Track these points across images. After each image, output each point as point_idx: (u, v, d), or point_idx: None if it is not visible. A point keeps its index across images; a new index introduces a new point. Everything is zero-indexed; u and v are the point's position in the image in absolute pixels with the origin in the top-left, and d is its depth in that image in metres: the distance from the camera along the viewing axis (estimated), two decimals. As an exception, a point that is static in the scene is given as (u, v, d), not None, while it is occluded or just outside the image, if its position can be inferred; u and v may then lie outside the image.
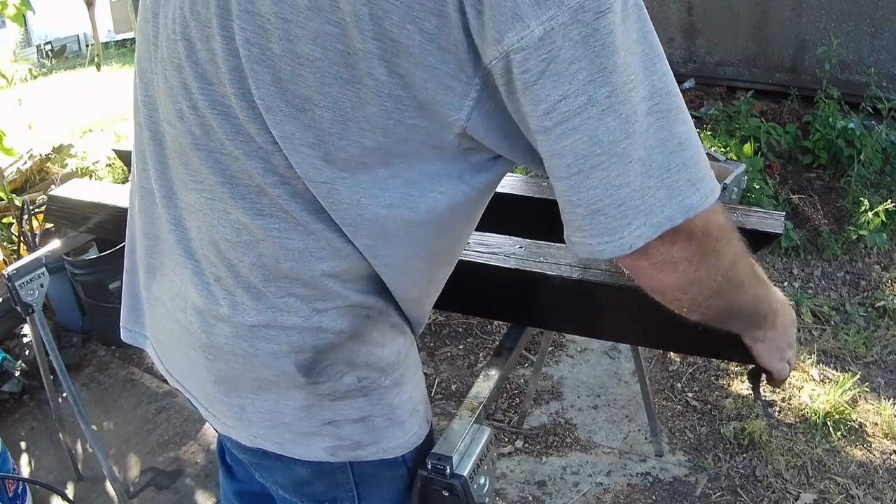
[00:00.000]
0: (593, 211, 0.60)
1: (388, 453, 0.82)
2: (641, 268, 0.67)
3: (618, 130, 0.57)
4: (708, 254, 0.68)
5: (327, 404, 0.77)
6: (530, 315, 1.28)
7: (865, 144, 3.49)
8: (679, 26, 5.07)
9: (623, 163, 0.58)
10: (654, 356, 2.57)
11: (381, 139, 0.62)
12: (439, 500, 0.89)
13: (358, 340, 0.75)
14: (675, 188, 0.61)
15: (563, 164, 0.59)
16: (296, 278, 0.70)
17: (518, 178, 1.78)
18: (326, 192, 0.65)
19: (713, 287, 0.71)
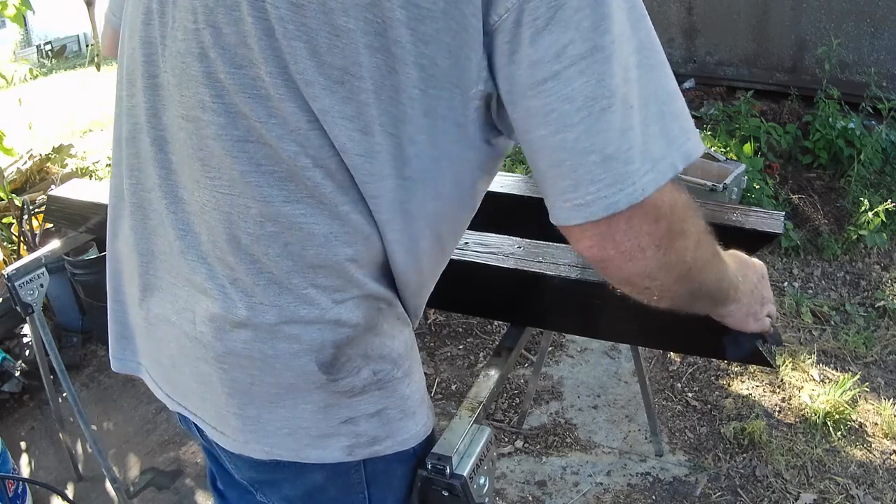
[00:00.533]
0: (606, 157, 0.61)
1: (403, 445, 0.82)
2: (610, 259, 0.67)
3: (619, 76, 0.60)
4: (676, 235, 0.69)
5: (345, 402, 0.76)
6: (530, 315, 1.28)
7: (865, 144, 3.49)
8: (679, 26, 5.07)
9: (626, 107, 0.60)
10: (654, 356, 2.57)
11: (409, 110, 0.64)
12: (439, 500, 0.89)
13: (372, 333, 0.76)
14: (671, 135, 0.64)
15: (574, 109, 0.60)
16: (321, 266, 0.70)
17: (518, 178, 1.78)
18: (361, 164, 0.66)
19: (682, 270, 0.72)
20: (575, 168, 0.62)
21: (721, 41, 4.92)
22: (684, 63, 5.16)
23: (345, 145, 0.65)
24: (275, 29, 0.62)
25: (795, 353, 2.52)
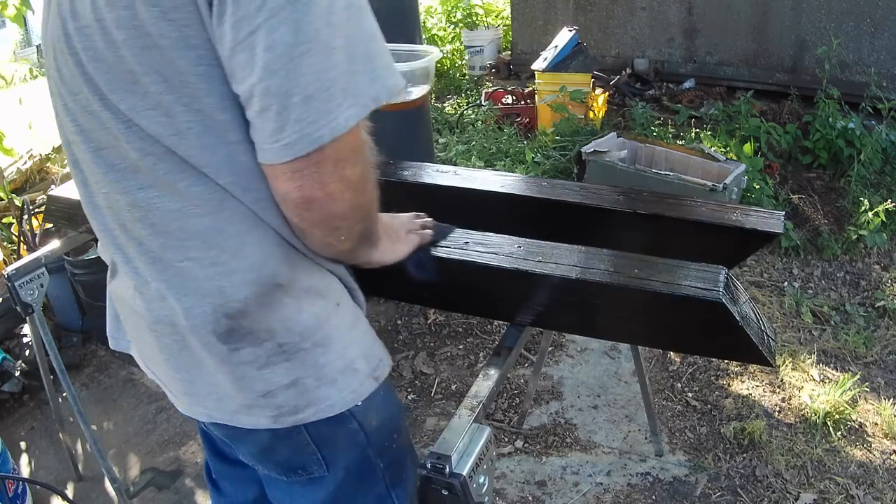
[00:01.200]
0: (307, 97, 0.69)
1: (327, 412, 0.88)
2: (315, 199, 0.75)
3: (320, 21, 0.68)
4: (367, 180, 0.79)
5: (255, 374, 0.84)
6: (530, 315, 1.28)
7: (865, 144, 3.49)
8: (679, 26, 5.07)
9: (327, 50, 0.69)
10: (654, 356, 2.57)
11: (204, 85, 0.72)
12: (438, 498, 0.89)
13: (271, 307, 0.82)
14: (377, 72, 0.73)
15: (275, 56, 0.67)
16: (188, 239, 0.79)
17: (518, 178, 1.78)
18: (178, 143, 0.75)
19: (366, 212, 0.83)
20: (280, 111, 0.69)
21: (721, 41, 4.92)
22: (684, 63, 5.16)
23: (157, 131, 0.75)
24: (81, 58, 0.75)
25: (795, 353, 2.52)
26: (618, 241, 1.40)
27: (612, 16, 5.34)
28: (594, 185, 1.65)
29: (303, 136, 0.70)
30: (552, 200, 1.54)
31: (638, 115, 4.08)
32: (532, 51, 5.28)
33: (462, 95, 5.61)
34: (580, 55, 4.35)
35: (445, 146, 4.24)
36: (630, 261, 1.18)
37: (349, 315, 0.91)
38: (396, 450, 1.01)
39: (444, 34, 6.57)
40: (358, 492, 0.98)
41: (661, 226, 1.47)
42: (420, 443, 2.27)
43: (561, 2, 5.53)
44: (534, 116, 4.49)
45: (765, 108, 4.25)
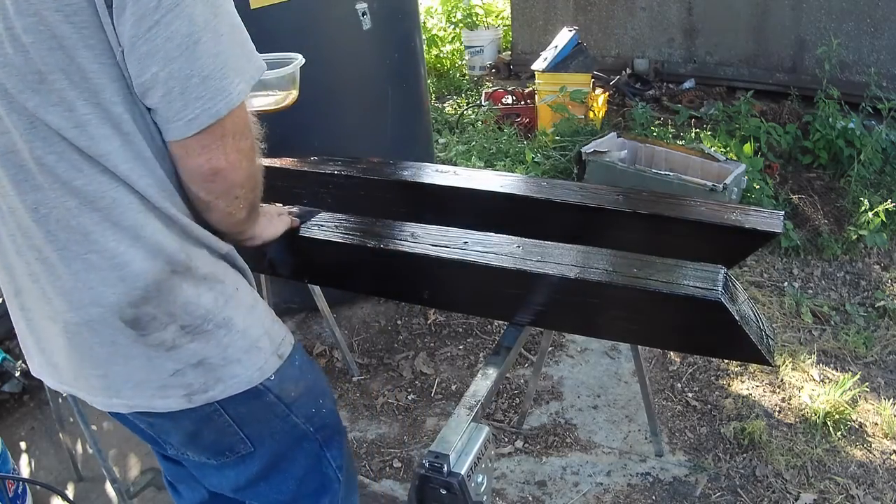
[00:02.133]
0: (204, 77, 0.81)
1: (235, 388, 0.96)
2: (221, 169, 0.86)
3: (209, 12, 0.80)
4: (255, 149, 0.91)
5: (164, 354, 0.92)
6: (529, 314, 1.28)
7: (865, 144, 3.48)
8: (679, 26, 5.07)
9: (217, 36, 0.81)
10: (654, 356, 2.57)
11: (99, 80, 0.81)
12: (437, 497, 0.89)
13: (171, 293, 0.90)
14: (251, 55, 0.87)
15: (174, 45, 0.79)
16: (88, 233, 0.86)
17: (518, 178, 1.78)
18: (77, 135, 0.82)
19: (257, 177, 0.94)
20: (182, 91, 0.81)
21: (721, 41, 4.92)
22: (684, 63, 5.16)
23: (60, 124, 0.82)
24: None
25: (795, 353, 2.52)
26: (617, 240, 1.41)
27: (612, 16, 5.34)
28: (594, 185, 1.65)
29: (203, 110, 0.82)
30: (552, 200, 1.54)
31: (638, 115, 4.08)
32: (532, 51, 5.28)
33: (462, 95, 5.61)
34: (580, 55, 4.35)
35: (445, 146, 4.24)
36: (629, 260, 1.18)
37: (248, 298, 1.01)
38: (326, 414, 1.12)
39: (444, 34, 6.57)
40: (292, 458, 1.08)
41: (660, 226, 1.47)
42: (420, 443, 2.27)
43: (561, 2, 5.53)
44: (534, 116, 4.49)
45: (765, 108, 4.25)
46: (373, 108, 2.63)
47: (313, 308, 2.50)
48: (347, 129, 2.58)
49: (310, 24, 2.37)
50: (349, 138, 2.57)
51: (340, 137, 2.55)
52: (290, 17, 2.31)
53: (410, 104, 2.81)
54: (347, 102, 2.56)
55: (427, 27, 6.39)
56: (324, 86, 2.47)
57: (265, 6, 2.24)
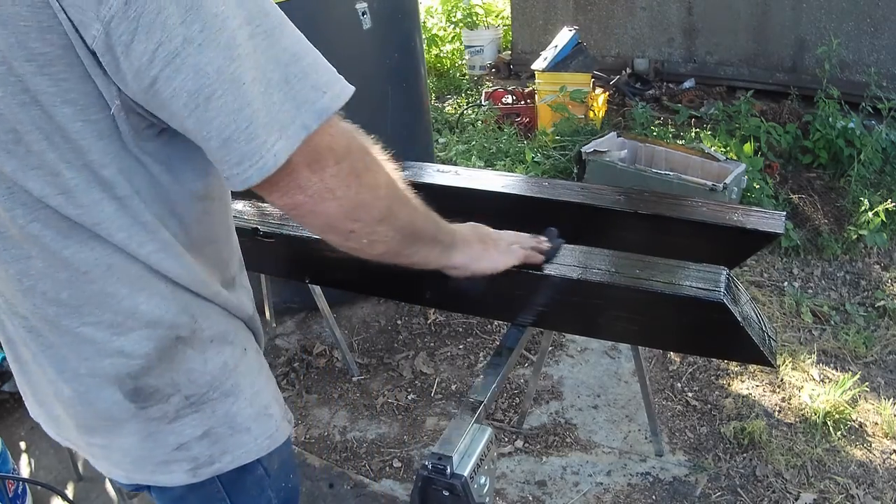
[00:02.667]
0: (224, 140, 0.65)
1: (243, 459, 0.87)
2: (301, 204, 0.70)
3: (221, 58, 0.62)
4: (361, 172, 0.73)
5: (166, 428, 0.82)
6: (531, 315, 1.28)
7: (865, 144, 3.48)
8: (679, 26, 5.07)
9: (235, 86, 0.63)
10: (654, 356, 2.57)
11: (83, 141, 0.68)
12: (439, 499, 0.89)
13: (174, 361, 0.80)
14: (300, 97, 0.66)
15: (181, 105, 0.63)
16: (82, 305, 0.76)
17: (518, 178, 1.78)
18: (64, 202, 0.70)
19: (381, 206, 0.77)
20: (208, 151, 0.67)
21: (721, 41, 4.92)
22: (684, 63, 5.16)
23: (43, 191, 0.69)
24: None
25: (795, 353, 2.52)
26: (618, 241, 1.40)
27: (612, 15, 5.33)
28: (594, 185, 1.65)
29: (232, 175, 0.67)
30: (552, 200, 1.54)
31: (638, 115, 4.08)
32: (532, 51, 5.27)
33: (462, 95, 5.61)
34: (580, 55, 4.35)
35: (445, 146, 4.24)
36: (631, 261, 1.18)
37: (256, 360, 0.90)
38: (290, 489, 1.00)
39: (444, 34, 6.57)
40: None
41: (661, 226, 1.47)
42: (420, 443, 2.27)
43: (561, 2, 5.52)
44: (534, 116, 4.49)
45: (765, 108, 4.25)
46: (373, 108, 2.63)
47: (313, 308, 2.50)
48: (347, 129, 2.58)
49: (310, 24, 2.36)
50: (349, 138, 2.57)
51: (340, 137, 2.55)
52: (289, 17, 2.30)
53: (410, 104, 2.81)
54: (347, 102, 2.56)
55: (427, 27, 6.38)
56: (324, 85, 2.47)
57: (265, 6, 2.23)
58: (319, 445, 2.28)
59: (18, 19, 0.61)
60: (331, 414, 2.42)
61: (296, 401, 2.49)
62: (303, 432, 2.34)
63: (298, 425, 2.38)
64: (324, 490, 2.08)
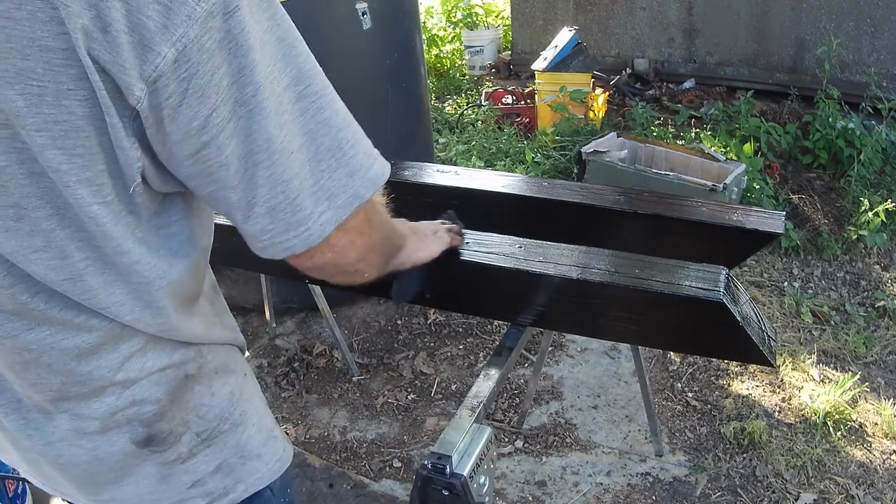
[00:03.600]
0: (270, 209, 0.61)
1: (256, 486, 0.85)
2: (328, 262, 0.69)
3: (272, 125, 0.58)
4: (372, 214, 0.72)
5: (181, 468, 0.79)
6: (531, 315, 1.28)
7: (865, 144, 3.48)
8: (679, 26, 5.07)
9: (285, 155, 0.59)
10: (654, 356, 2.57)
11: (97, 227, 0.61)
12: (439, 499, 0.89)
13: (183, 400, 0.76)
14: (353, 164, 0.64)
15: (231, 173, 0.59)
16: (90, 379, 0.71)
17: (518, 178, 1.78)
18: (72, 288, 0.64)
19: (385, 243, 0.80)
20: (246, 219, 0.63)
21: (721, 41, 4.92)
22: (684, 63, 5.16)
23: (47, 276, 0.63)
24: None
25: (795, 353, 2.52)
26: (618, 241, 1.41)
27: (612, 16, 5.34)
28: (594, 185, 1.65)
29: (273, 243, 0.64)
30: (552, 200, 1.54)
31: (638, 115, 4.08)
32: (532, 51, 5.28)
33: (462, 95, 5.61)
34: (580, 55, 4.35)
35: (445, 146, 4.24)
36: (631, 261, 1.18)
37: (254, 384, 0.89)
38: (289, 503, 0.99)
39: (444, 34, 6.57)
40: None
41: (661, 226, 1.47)
42: (420, 443, 2.27)
43: (561, 2, 5.53)
44: (534, 116, 4.49)
45: (765, 108, 4.25)
46: (373, 108, 2.63)
47: (313, 308, 2.50)
48: (347, 129, 2.58)
49: (310, 23, 2.37)
50: (349, 138, 2.58)
51: (340, 137, 2.55)
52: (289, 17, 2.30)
53: (410, 104, 2.81)
54: (347, 102, 2.53)
55: (427, 27, 6.39)
56: (324, 85, 2.47)
57: (265, 6, 2.23)
58: (319, 445, 2.28)
59: (31, 78, 0.52)
60: (331, 414, 2.42)
61: (296, 401, 2.49)
62: (303, 432, 2.34)
63: (298, 425, 2.38)
64: (324, 490, 2.08)
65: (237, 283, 2.90)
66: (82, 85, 0.53)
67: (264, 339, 2.83)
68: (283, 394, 2.52)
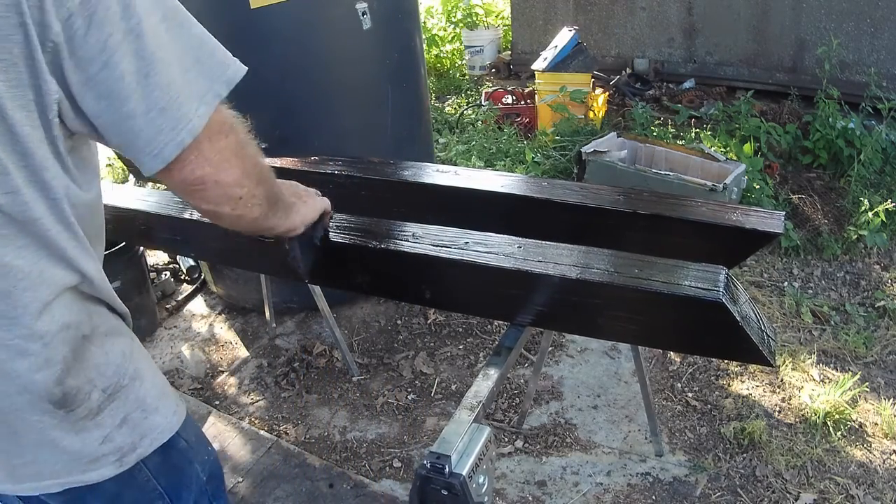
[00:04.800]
0: (161, 109, 0.78)
1: (160, 438, 0.96)
2: (207, 176, 0.84)
3: (153, 44, 0.78)
4: (245, 144, 0.89)
5: (90, 424, 0.89)
6: (530, 315, 1.28)
7: (865, 144, 3.48)
8: (679, 26, 5.07)
9: (164, 65, 0.79)
10: (654, 356, 2.57)
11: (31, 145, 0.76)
12: (438, 498, 0.89)
13: (83, 359, 0.87)
14: (212, 72, 0.83)
15: (127, 83, 0.77)
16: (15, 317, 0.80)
17: (518, 178, 1.78)
18: (12, 201, 0.77)
19: (259, 173, 0.92)
20: (144, 127, 0.79)
21: (721, 41, 4.92)
22: (684, 63, 5.16)
23: None
24: None
25: (795, 353, 2.52)
26: (618, 241, 1.41)
27: (612, 16, 5.34)
28: (594, 185, 1.65)
29: (167, 142, 0.79)
30: (553, 200, 1.54)
31: (638, 115, 4.08)
32: (532, 51, 5.28)
33: (462, 95, 5.61)
34: (580, 55, 4.35)
35: (445, 146, 4.24)
36: (630, 261, 1.18)
37: (140, 346, 0.99)
38: (213, 462, 1.09)
39: (444, 34, 6.57)
40: None
41: (661, 226, 1.47)
42: (420, 443, 2.27)
43: (561, 2, 5.53)
44: (534, 116, 4.49)
45: (765, 108, 4.25)
46: (373, 108, 2.63)
47: (313, 308, 2.50)
48: (347, 129, 2.58)
49: (310, 23, 2.37)
50: (349, 138, 2.58)
51: (341, 137, 2.55)
52: (290, 17, 2.31)
53: (410, 104, 2.81)
54: (347, 102, 2.56)
55: (427, 27, 6.39)
56: (324, 86, 2.47)
57: (265, 6, 2.24)
58: (319, 445, 2.28)
59: None
60: (331, 414, 2.42)
61: (296, 401, 2.49)
62: (303, 432, 2.34)
63: (298, 425, 2.38)
64: (324, 490, 2.08)
65: (237, 283, 2.90)
66: (20, 31, 0.71)
67: (264, 339, 2.83)
68: (283, 394, 2.52)
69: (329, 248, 1.35)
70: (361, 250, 1.33)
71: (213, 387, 2.61)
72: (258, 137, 0.96)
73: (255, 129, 0.95)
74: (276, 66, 2.34)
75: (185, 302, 3.17)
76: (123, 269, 2.70)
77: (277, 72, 2.35)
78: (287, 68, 2.36)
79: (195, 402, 2.51)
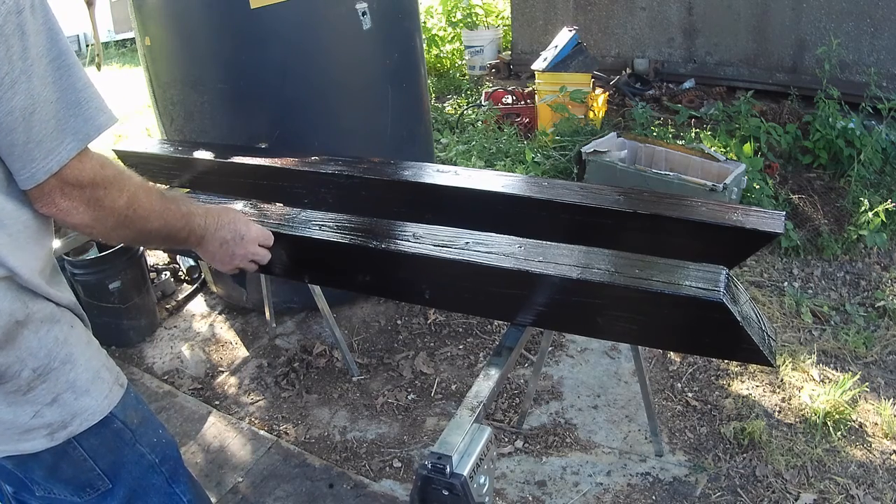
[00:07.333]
0: (38, 142, 0.89)
1: (90, 420, 1.04)
2: (55, 214, 0.94)
3: (40, 85, 0.88)
4: (99, 199, 0.97)
5: (23, 399, 0.98)
6: (530, 315, 1.28)
7: (865, 144, 3.48)
8: (679, 26, 5.07)
9: (47, 104, 0.89)
10: (654, 356, 2.57)
11: None
12: (439, 499, 0.89)
13: (16, 341, 0.96)
14: (88, 115, 0.93)
15: (15, 118, 0.86)
16: None
17: (518, 178, 1.78)
18: None
19: (115, 221, 1.01)
20: (21, 154, 0.89)
21: (721, 41, 4.92)
22: (684, 63, 5.16)
23: None
24: None
25: (795, 353, 2.52)
26: (618, 241, 1.41)
27: (612, 16, 5.34)
28: (594, 185, 1.65)
29: (33, 171, 0.90)
30: (553, 200, 1.54)
31: (638, 115, 4.08)
32: (532, 51, 5.28)
33: (462, 95, 5.61)
34: (580, 55, 4.35)
35: (445, 146, 4.24)
36: (630, 261, 1.18)
37: (83, 335, 1.08)
38: (167, 444, 1.18)
39: (444, 34, 6.57)
40: (144, 495, 1.14)
41: (661, 226, 1.47)
42: (420, 443, 2.27)
43: (561, 2, 5.53)
44: (534, 116, 4.49)
45: (765, 108, 4.25)
46: (373, 109, 2.63)
47: (313, 308, 2.50)
48: (347, 130, 2.58)
49: (310, 23, 2.37)
50: (349, 138, 2.57)
51: (341, 137, 2.55)
52: (289, 17, 2.31)
53: (410, 104, 2.81)
54: (348, 102, 2.56)
55: (427, 27, 6.39)
56: (324, 86, 2.47)
57: (265, 6, 2.24)
58: (319, 445, 2.28)
59: None
60: (331, 414, 2.42)
61: (296, 401, 2.49)
62: (303, 432, 2.34)
63: (298, 425, 2.38)
64: (324, 490, 2.08)
65: (237, 282, 2.90)
66: None
67: (264, 339, 2.83)
68: (283, 394, 2.52)
69: (329, 248, 1.35)
70: (361, 250, 1.33)
71: (213, 387, 2.61)
72: (258, 138, 0.97)
73: (255, 129, 0.96)
74: (276, 66, 2.34)
75: (185, 302, 3.17)
76: (123, 269, 2.70)
77: (277, 72, 2.35)
78: (287, 68, 2.36)
79: (195, 403, 2.51)
